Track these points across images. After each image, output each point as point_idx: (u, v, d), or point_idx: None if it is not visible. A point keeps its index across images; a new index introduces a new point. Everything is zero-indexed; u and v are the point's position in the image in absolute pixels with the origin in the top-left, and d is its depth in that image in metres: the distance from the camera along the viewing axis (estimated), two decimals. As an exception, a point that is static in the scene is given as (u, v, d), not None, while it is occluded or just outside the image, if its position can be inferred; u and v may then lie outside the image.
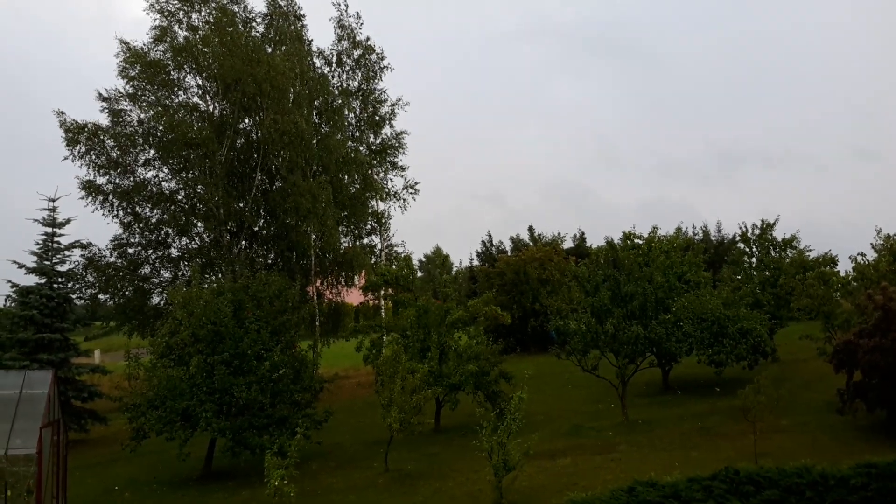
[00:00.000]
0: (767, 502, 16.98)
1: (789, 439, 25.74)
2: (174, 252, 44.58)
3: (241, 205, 42.95)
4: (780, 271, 40.56)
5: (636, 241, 46.23)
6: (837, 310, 34.23)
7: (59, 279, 38.95)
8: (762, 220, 42.92)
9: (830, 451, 23.48)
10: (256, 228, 44.86)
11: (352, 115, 48.23)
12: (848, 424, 26.63)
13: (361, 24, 48.31)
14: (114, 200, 42.52)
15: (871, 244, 35.24)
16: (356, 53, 48.46)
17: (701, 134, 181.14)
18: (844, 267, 41.10)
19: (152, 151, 43.32)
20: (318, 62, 47.96)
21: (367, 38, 48.54)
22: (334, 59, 48.44)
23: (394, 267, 40.18)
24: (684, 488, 17.36)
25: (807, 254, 41.57)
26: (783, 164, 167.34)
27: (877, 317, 25.94)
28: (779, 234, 42.75)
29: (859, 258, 35.18)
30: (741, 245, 44.24)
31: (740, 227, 43.79)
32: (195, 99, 44.41)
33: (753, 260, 43.11)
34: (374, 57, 48.62)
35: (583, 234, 67.53)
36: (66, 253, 39.48)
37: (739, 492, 17.35)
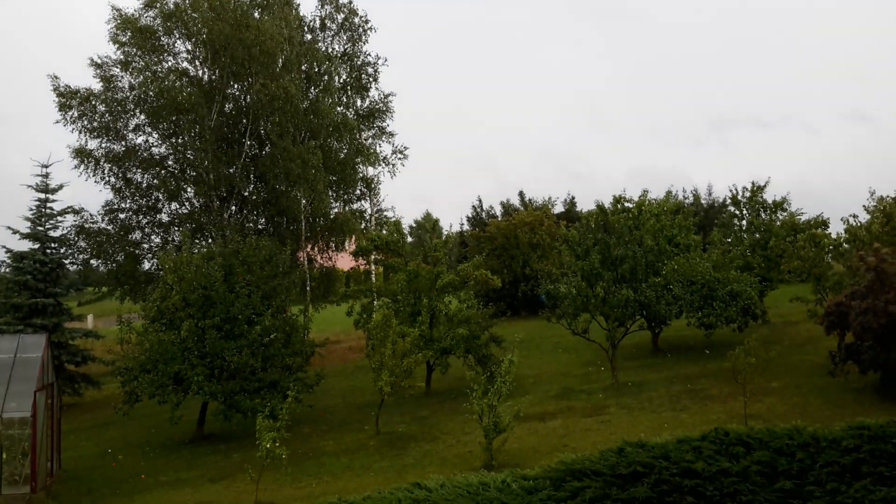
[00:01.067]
0: (757, 463, 17.05)
1: (780, 401, 25.92)
2: (164, 217, 44.48)
3: (231, 170, 42.74)
4: (770, 233, 40.54)
5: (626, 204, 46.14)
6: (829, 272, 34.32)
7: (52, 244, 39.01)
8: (753, 183, 42.79)
9: (822, 413, 23.67)
10: (246, 194, 44.67)
11: (338, 79, 47.85)
12: (839, 386, 26.76)
13: (344, -14, 47.87)
14: (105, 166, 42.38)
15: (864, 206, 35.15)
16: (340, 17, 48.05)
17: (693, 98, 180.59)
18: (836, 230, 41.12)
19: (143, 117, 43.11)
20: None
21: (350, 1, 48.14)
22: (318, 25, 48.03)
23: (384, 232, 40.12)
24: (674, 449, 17.43)
25: (798, 216, 41.55)
26: (776, 128, 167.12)
27: (869, 278, 25.96)
28: (769, 196, 42.68)
29: (851, 220, 35.18)
30: (731, 208, 44.12)
31: (731, 190, 43.63)
32: (184, 64, 44.18)
33: (744, 222, 43.04)
34: (357, 20, 48.18)
35: (573, 198, 67.12)
36: (59, 219, 39.61)
37: (729, 453, 17.42)
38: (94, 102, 41.78)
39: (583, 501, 16.08)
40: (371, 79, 48.75)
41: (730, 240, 42.83)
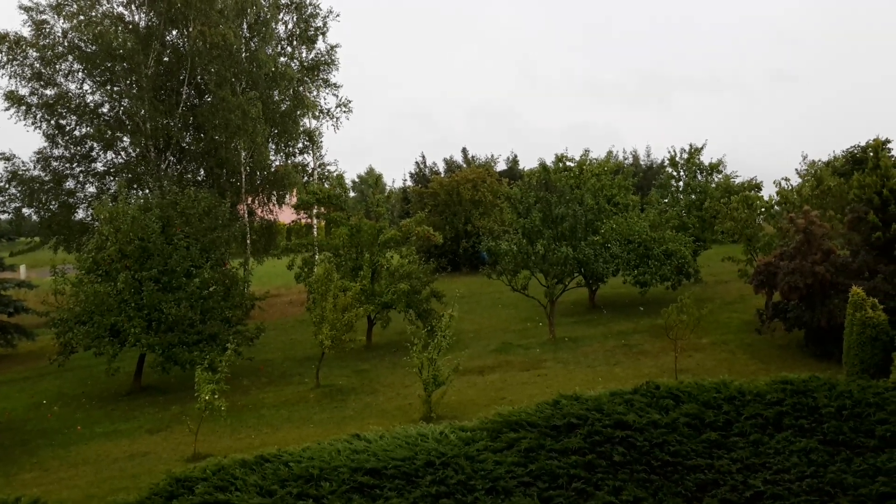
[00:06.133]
0: (686, 416, 17.63)
1: (709, 357, 26.78)
2: (99, 167, 43.40)
3: (169, 120, 41.86)
4: (705, 195, 41.43)
5: (568, 163, 46.63)
6: (760, 233, 35.30)
7: (-19, 192, 37.98)
8: (690, 145, 43.64)
9: (748, 368, 24.61)
10: (185, 144, 43.83)
11: (283, 28, 47.03)
12: (766, 343, 27.80)
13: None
14: (37, 112, 41.11)
15: (796, 170, 36.18)
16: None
17: (628, 57, 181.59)
18: (769, 192, 42.15)
19: (76, 64, 41.81)
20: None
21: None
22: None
23: (326, 186, 39.88)
24: (607, 402, 17.92)
25: (733, 179, 42.47)
26: (710, 89, 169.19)
27: (798, 240, 26.80)
28: (706, 158, 43.55)
29: (783, 183, 36.15)
30: (669, 169, 44.93)
31: (669, 152, 44.43)
32: (119, 9, 42.77)
33: (681, 184, 43.89)
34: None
35: (516, 156, 67.89)
36: (-11, 165, 38.52)
37: (659, 405, 17.97)
38: (24, 47, 40.37)
39: (518, 452, 16.47)
40: (319, 32, 47.91)
41: (667, 200, 43.66)
